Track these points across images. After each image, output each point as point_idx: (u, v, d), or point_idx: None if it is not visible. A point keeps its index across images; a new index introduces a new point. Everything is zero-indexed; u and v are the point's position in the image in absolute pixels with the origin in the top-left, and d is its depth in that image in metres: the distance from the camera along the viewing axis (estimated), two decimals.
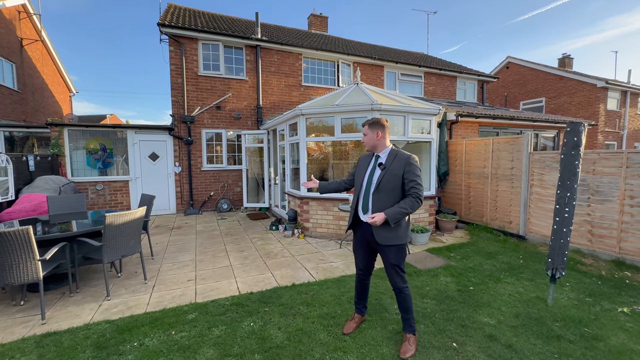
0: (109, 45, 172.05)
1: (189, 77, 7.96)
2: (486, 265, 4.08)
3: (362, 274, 2.51)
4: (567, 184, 2.85)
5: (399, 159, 2.23)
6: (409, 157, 2.22)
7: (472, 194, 6.35)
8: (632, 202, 4.00)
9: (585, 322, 2.67)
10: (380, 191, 2.22)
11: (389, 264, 2.28)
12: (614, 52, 25.07)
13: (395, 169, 2.20)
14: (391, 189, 2.20)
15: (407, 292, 2.30)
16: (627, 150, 4.10)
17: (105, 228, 3.10)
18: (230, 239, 5.47)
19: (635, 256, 4.00)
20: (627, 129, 14.45)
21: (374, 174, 2.28)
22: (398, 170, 2.19)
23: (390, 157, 2.27)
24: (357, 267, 2.53)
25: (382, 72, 10.72)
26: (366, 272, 2.49)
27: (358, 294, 2.60)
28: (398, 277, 2.28)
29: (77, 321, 2.75)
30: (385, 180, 2.20)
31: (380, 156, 2.32)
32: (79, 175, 7.20)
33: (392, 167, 2.22)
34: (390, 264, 2.27)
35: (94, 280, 3.68)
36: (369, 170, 2.33)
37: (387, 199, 2.20)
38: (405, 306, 2.31)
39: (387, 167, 2.23)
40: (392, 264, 2.26)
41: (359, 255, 2.46)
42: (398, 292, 2.31)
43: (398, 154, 2.27)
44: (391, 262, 2.26)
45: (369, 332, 2.52)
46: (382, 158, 2.31)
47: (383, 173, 2.22)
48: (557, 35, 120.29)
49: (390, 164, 2.23)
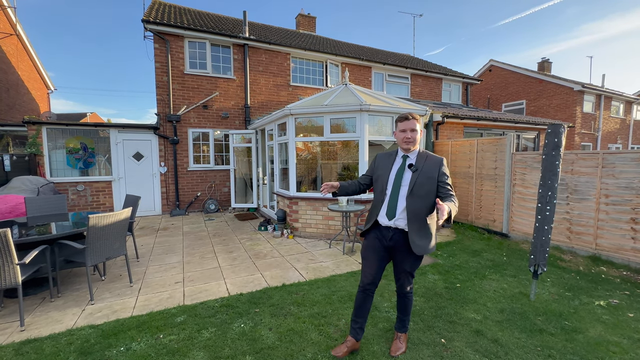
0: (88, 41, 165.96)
1: (175, 76, 7.80)
2: (472, 262, 4.19)
3: (369, 283, 2.16)
4: (548, 183, 2.97)
5: (431, 161, 2.05)
6: (442, 160, 2.06)
7: (458, 194, 6.50)
8: (607, 201, 4.20)
9: (566, 316, 2.79)
10: (415, 195, 2.00)
11: (404, 271, 2.16)
12: (589, 57, 26.22)
13: (428, 171, 2.02)
14: (426, 194, 2.01)
15: (412, 296, 2.28)
16: (603, 151, 4.30)
17: (88, 230, 3.00)
18: (218, 240, 5.40)
19: (610, 252, 4.20)
20: (601, 131, 15.15)
21: (402, 176, 2.06)
22: (432, 174, 2.01)
23: (421, 158, 2.07)
24: (364, 276, 2.18)
25: (369, 73, 10.82)
26: (374, 283, 2.17)
27: (358, 308, 2.22)
28: (408, 283, 2.21)
29: (59, 327, 2.65)
30: (419, 183, 2.00)
31: (410, 157, 2.10)
32: (58, 175, 6.92)
33: (425, 169, 2.02)
34: (405, 271, 2.16)
35: (76, 284, 3.55)
36: (394, 171, 2.11)
37: (422, 204, 2.01)
38: (407, 309, 2.30)
39: (420, 169, 2.02)
40: (407, 272, 2.16)
41: (371, 263, 2.15)
42: (404, 296, 2.26)
43: (428, 155, 2.09)
44: (407, 270, 2.15)
45: None
46: (411, 159, 2.09)
47: (416, 175, 2.01)
48: (536, 40, 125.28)
49: (422, 165, 2.03)
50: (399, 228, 2.07)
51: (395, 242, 2.08)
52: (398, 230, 2.07)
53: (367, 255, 2.18)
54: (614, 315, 2.82)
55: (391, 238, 2.08)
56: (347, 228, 4.94)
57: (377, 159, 2.26)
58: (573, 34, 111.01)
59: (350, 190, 2.27)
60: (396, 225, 2.06)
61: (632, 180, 3.96)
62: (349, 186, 2.27)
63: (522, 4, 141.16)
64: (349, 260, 4.29)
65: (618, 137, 16.28)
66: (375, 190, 2.23)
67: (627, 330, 2.59)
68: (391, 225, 2.07)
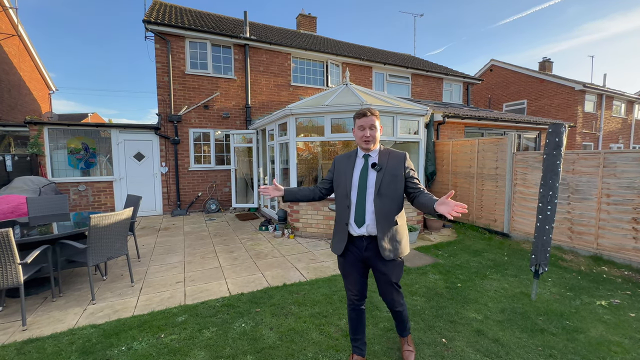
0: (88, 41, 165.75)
1: (176, 76, 7.81)
2: (473, 262, 4.19)
3: (356, 299, 2.05)
4: (549, 183, 2.97)
5: (394, 157, 1.93)
6: (405, 154, 1.95)
7: (459, 193, 6.49)
8: (609, 200, 4.19)
9: (567, 316, 2.79)
10: (383, 196, 1.87)
11: (387, 282, 1.98)
12: (590, 56, 26.23)
13: (393, 169, 1.89)
14: (393, 192, 1.89)
15: (405, 307, 2.13)
16: (604, 150, 4.29)
17: (90, 230, 3.01)
18: (219, 240, 5.41)
19: (611, 252, 4.19)
20: (602, 131, 15.11)
21: (367, 177, 1.91)
22: (397, 171, 1.89)
23: (383, 156, 1.94)
24: (349, 292, 2.07)
25: (370, 73, 10.82)
26: (361, 296, 2.05)
27: (354, 327, 2.09)
28: (397, 295, 2.04)
29: (60, 326, 2.66)
30: (385, 182, 1.87)
31: (372, 155, 1.96)
32: (60, 175, 6.94)
33: (389, 167, 1.90)
34: (389, 282, 1.98)
35: (77, 284, 3.56)
36: (356, 173, 1.94)
37: (391, 204, 1.89)
38: (404, 319, 2.17)
39: (384, 168, 1.89)
40: (391, 282, 1.98)
41: (352, 278, 2.02)
42: (398, 311, 2.11)
43: (391, 152, 1.97)
44: (390, 280, 1.97)
45: None
46: (373, 157, 1.95)
47: (381, 175, 1.88)
48: (537, 40, 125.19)
49: (385, 163, 1.91)
50: (372, 235, 1.91)
51: (370, 252, 1.92)
52: (371, 237, 1.91)
53: (346, 272, 2.04)
54: (616, 315, 2.82)
55: (366, 248, 1.92)
56: None
57: (336, 162, 2.07)
58: (574, 33, 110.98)
59: (301, 195, 2.09)
60: (368, 232, 1.89)
61: (633, 180, 3.95)
62: (299, 191, 2.09)
63: (523, 4, 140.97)
64: None
65: (620, 136, 16.23)
66: (338, 197, 2.03)
67: (628, 330, 2.58)
68: (364, 234, 1.91)
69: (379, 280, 2.03)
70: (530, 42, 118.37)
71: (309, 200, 2.11)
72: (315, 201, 2.14)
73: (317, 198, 2.11)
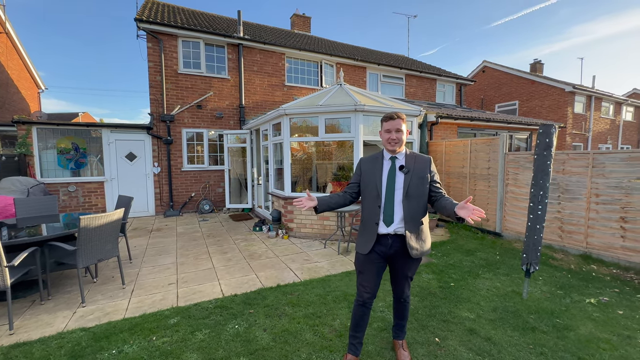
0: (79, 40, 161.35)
1: (169, 75, 7.73)
2: (465, 262, 4.22)
3: (368, 296, 2.04)
4: (540, 183, 3.01)
5: (420, 160, 2.00)
6: (431, 159, 2.03)
7: (452, 193, 6.55)
8: (598, 200, 4.27)
9: (557, 314, 2.83)
10: (411, 197, 1.93)
11: (404, 276, 2.09)
12: (579, 58, 26.72)
13: (420, 171, 1.96)
14: (421, 195, 1.95)
15: (410, 299, 2.23)
16: (593, 151, 4.37)
17: (80, 231, 2.95)
18: (212, 241, 5.36)
19: (600, 250, 4.27)
20: (592, 131, 15.40)
21: (395, 178, 1.96)
22: (423, 173, 1.95)
23: (410, 159, 2.00)
24: (363, 289, 2.05)
25: (364, 73, 10.86)
26: (373, 294, 2.05)
27: (357, 323, 2.10)
28: (408, 287, 2.15)
29: (49, 330, 2.61)
30: (413, 184, 1.93)
31: (399, 158, 2.00)
32: (49, 176, 6.81)
33: (416, 170, 1.96)
34: (405, 276, 2.09)
35: (67, 287, 3.49)
36: (385, 174, 1.99)
37: (418, 206, 1.95)
38: (406, 313, 2.25)
39: (411, 170, 1.95)
40: (407, 276, 2.08)
41: (370, 276, 2.02)
42: (404, 301, 2.20)
43: (417, 155, 2.03)
44: (408, 275, 2.08)
45: None
46: (400, 160, 2.00)
47: (409, 177, 1.94)
48: (529, 41, 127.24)
49: (412, 166, 1.97)
50: (398, 234, 1.97)
51: (395, 249, 1.98)
52: (397, 236, 1.97)
53: (364, 268, 2.05)
54: (604, 313, 2.87)
55: (391, 246, 1.97)
56: (342, 228, 4.95)
57: (362, 164, 2.11)
58: (565, 35, 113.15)
59: (334, 202, 2.07)
60: (395, 231, 1.95)
61: (621, 180, 4.03)
62: (330, 199, 2.07)
63: (516, 6, 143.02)
64: (344, 260, 4.30)
65: (608, 137, 16.56)
66: (366, 198, 2.06)
67: (616, 327, 2.63)
68: (390, 233, 1.96)
69: (396, 274, 2.11)
70: (523, 44, 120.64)
71: (341, 207, 2.10)
72: (347, 205, 2.14)
73: (347, 203, 2.12)
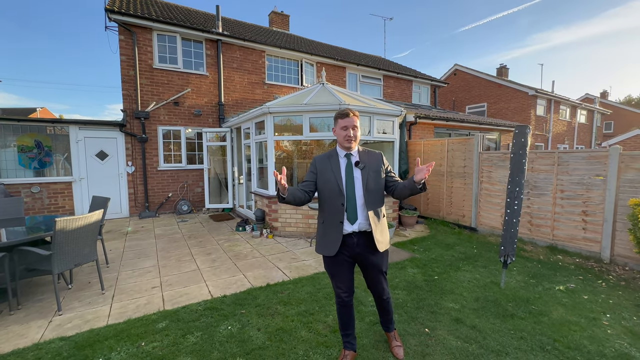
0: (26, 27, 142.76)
1: (143, 70, 7.37)
2: (446, 256, 4.43)
3: (346, 295, 2.07)
4: (516, 180, 3.23)
5: (372, 155, 2.07)
6: (381, 154, 2.12)
7: (430, 191, 6.82)
8: (562, 195, 4.64)
9: (532, 301, 3.05)
10: (371, 191, 1.98)
11: (378, 272, 2.08)
12: (539, 64, 28.71)
13: (374, 165, 2.03)
14: (379, 188, 2.02)
15: (390, 295, 2.22)
16: (558, 150, 4.74)
17: (55, 234, 2.77)
18: (194, 242, 5.21)
19: (565, 242, 4.64)
20: (552, 132, 16.61)
21: (352, 174, 1.99)
22: (377, 167, 2.03)
23: (363, 154, 2.06)
24: (338, 290, 2.08)
25: (344, 73, 10.98)
26: (350, 292, 2.09)
27: (345, 322, 2.13)
28: (385, 283, 2.13)
29: (23, 341, 2.43)
30: (371, 179, 1.99)
31: (353, 154, 2.04)
32: (9, 176, 6.28)
33: (371, 164, 2.02)
34: (378, 272, 2.07)
35: (37, 295, 3.26)
36: (342, 172, 2.01)
37: (376, 198, 2.02)
38: (390, 309, 2.25)
39: (367, 165, 2.01)
40: (380, 271, 2.08)
41: (342, 277, 2.04)
42: (386, 299, 2.18)
43: (369, 151, 2.10)
44: (381, 269, 2.07)
45: None
46: (355, 157, 2.04)
47: (366, 172, 1.99)
48: (493, 47, 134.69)
49: (367, 161, 2.03)
50: (362, 231, 1.99)
51: (361, 247, 1.99)
52: (361, 233, 1.99)
53: (335, 271, 2.05)
54: (572, 298, 3.14)
55: (357, 244, 1.98)
56: None
57: (317, 163, 2.07)
58: (525, 42, 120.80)
59: (297, 197, 1.94)
60: (360, 228, 1.97)
61: (583, 177, 4.41)
62: (295, 192, 1.95)
63: (480, 13, 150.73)
64: None
65: (565, 138, 17.94)
66: (326, 198, 2.02)
67: (583, 310, 2.89)
68: (355, 230, 1.97)
69: (369, 272, 2.09)
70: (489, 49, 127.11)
71: (301, 203, 1.98)
72: (305, 203, 2.02)
73: (306, 201, 2.01)
